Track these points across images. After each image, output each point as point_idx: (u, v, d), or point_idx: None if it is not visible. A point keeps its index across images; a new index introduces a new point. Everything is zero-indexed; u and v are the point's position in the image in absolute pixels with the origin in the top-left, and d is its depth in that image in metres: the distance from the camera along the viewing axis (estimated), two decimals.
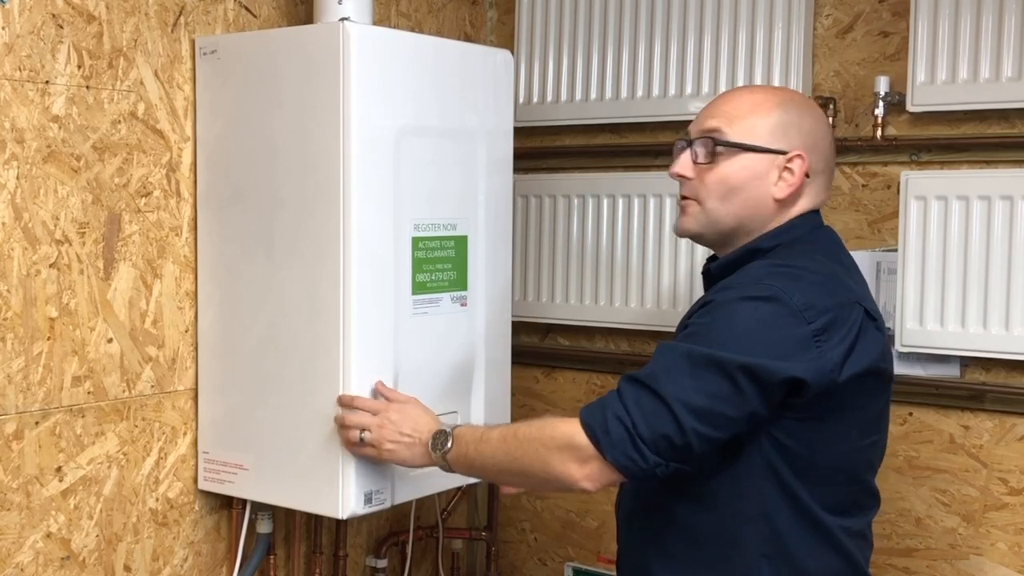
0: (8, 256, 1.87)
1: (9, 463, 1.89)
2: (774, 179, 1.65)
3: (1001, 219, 2.09)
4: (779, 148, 1.64)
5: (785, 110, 1.67)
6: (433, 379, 2.10)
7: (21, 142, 1.87)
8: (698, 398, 1.50)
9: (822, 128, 1.70)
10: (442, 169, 2.10)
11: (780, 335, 1.51)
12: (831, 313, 1.53)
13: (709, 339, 1.53)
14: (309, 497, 2.03)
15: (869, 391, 1.60)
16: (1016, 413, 2.17)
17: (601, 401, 1.57)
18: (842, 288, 1.59)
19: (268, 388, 2.06)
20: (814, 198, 1.69)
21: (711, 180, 1.67)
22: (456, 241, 2.13)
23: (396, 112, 1.99)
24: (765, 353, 1.50)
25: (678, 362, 1.52)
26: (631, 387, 1.54)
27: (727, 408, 1.51)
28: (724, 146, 1.65)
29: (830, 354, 1.52)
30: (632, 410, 1.51)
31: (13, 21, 1.85)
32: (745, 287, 1.56)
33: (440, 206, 2.09)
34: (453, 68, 2.12)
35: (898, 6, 2.27)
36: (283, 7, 2.28)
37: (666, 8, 2.44)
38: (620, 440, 1.51)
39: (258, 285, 2.07)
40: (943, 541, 2.24)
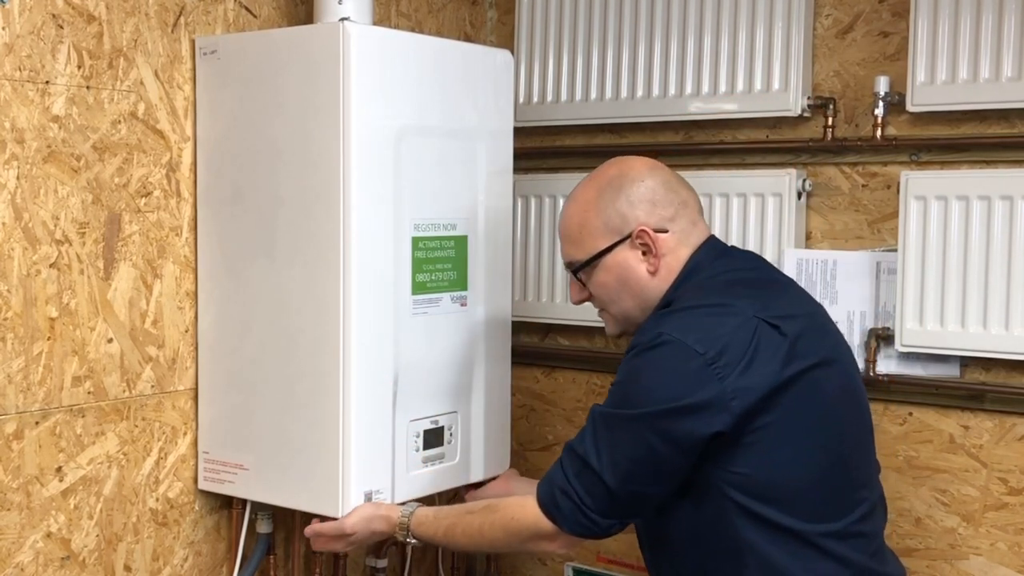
0: (8, 256, 1.87)
1: (9, 463, 1.89)
2: (638, 258, 1.72)
3: (1001, 219, 2.09)
4: (621, 237, 1.71)
5: (605, 199, 1.72)
6: (433, 379, 2.11)
7: (21, 142, 1.87)
8: (622, 463, 1.59)
9: (648, 183, 1.73)
10: (442, 169, 2.10)
11: (677, 375, 1.57)
12: (724, 339, 1.57)
13: (617, 399, 1.63)
14: (309, 497, 2.03)
15: (797, 396, 1.60)
16: (1016, 413, 2.17)
17: (550, 476, 1.68)
18: (734, 310, 1.61)
19: (268, 388, 2.06)
20: (687, 237, 1.73)
21: (597, 292, 1.78)
22: (456, 241, 2.13)
23: (396, 112, 1.99)
24: (669, 398, 1.56)
25: (600, 430, 1.62)
26: (571, 459, 1.65)
27: (648, 465, 1.59)
28: (583, 268, 1.76)
29: (729, 380, 1.55)
30: (574, 483, 1.63)
31: (13, 21, 1.85)
32: (640, 343, 1.63)
33: (440, 206, 2.10)
34: (453, 68, 2.12)
35: (898, 6, 2.27)
36: (283, 7, 2.28)
37: (666, 8, 2.44)
38: (571, 513, 1.64)
39: (258, 285, 2.07)
40: (943, 541, 2.24)
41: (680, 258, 1.72)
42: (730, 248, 1.81)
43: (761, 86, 2.34)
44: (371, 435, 2.00)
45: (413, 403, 2.07)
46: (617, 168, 1.78)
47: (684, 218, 1.74)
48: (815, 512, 1.61)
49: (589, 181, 1.79)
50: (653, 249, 1.70)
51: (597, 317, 2.55)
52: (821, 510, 1.62)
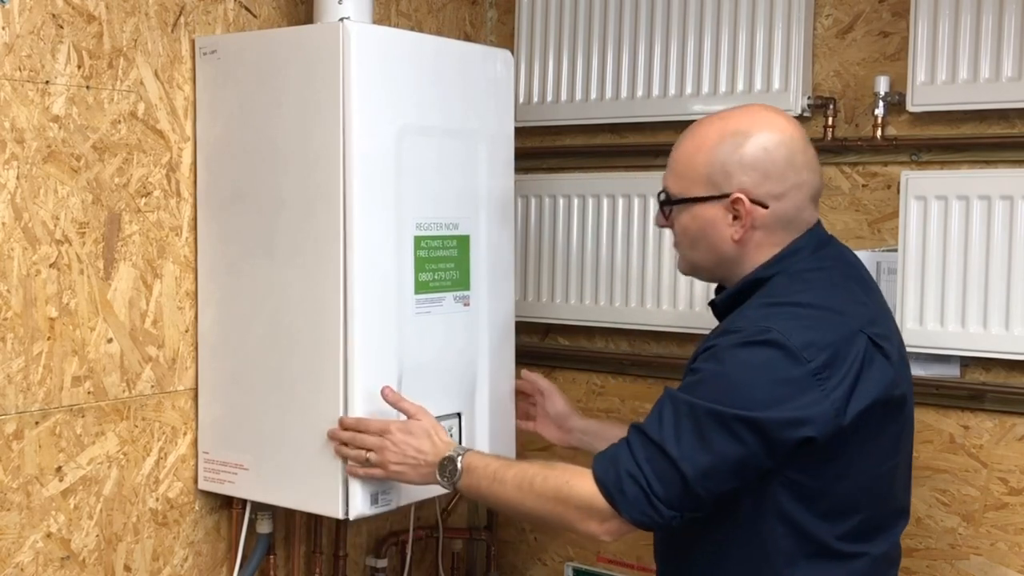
0: (8, 256, 1.87)
1: (9, 463, 1.89)
2: (728, 222, 1.64)
3: (1001, 219, 2.09)
4: (718, 193, 1.63)
5: (721, 148, 1.62)
6: (437, 379, 2.09)
7: (21, 142, 1.87)
8: (704, 457, 1.51)
9: (772, 151, 1.62)
10: (444, 168, 2.09)
11: (780, 380, 1.51)
12: (831, 349, 1.52)
13: (711, 390, 1.54)
14: (309, 497, 2.03)
15: (878, 422, 1.57)
16: (1016, 413, 2.17)
17: (614, 456, 1.58)
18: (844, 319, 1.56)
19: (268, 388, 2.06)
20: (789, 220, 1.64)
21: (676, 231, 1.72)
22: (458, 240, 2.13)
23: (397, 111, 1.99)
24: (767, 403, 1.50)
25: (683, 419, 1.53)
26: (642, 444, 1.56)
27: (733, 463, 1.52)
28: (668, 205, 1.69)
29: (832, 394, 1.51)
30: (644, 468, 1.54)
31: (13, 21, 1.85)
32: (744, 332, 1.55)
33: (442, 205, 2.09)
34: (454, 67, 2.11)
35: (898, 6, 2.27)
36: (283, 7, 2.28)
37: (666, 8, 2.44)
38: (636, 499, 1.54)
39: (258, 285, 2.07)
40: (943, 541, 2.24)
41: (774, 238, 1.63)
42: (832, 238, 1.72)
43: (761, 86, 2.34)
44: None
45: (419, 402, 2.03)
46: (750, 120, 1.65)
47: (792, 200, 1.63)
48: (859, 533, 1.60)
49: (717, 120, 1.67)
50: (744, 220, 1.62)
51: (597, 317, 2.57)
52: (865, 531, 1.61)
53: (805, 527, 1.57)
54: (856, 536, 1.60)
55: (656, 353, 2.58)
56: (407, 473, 1.83)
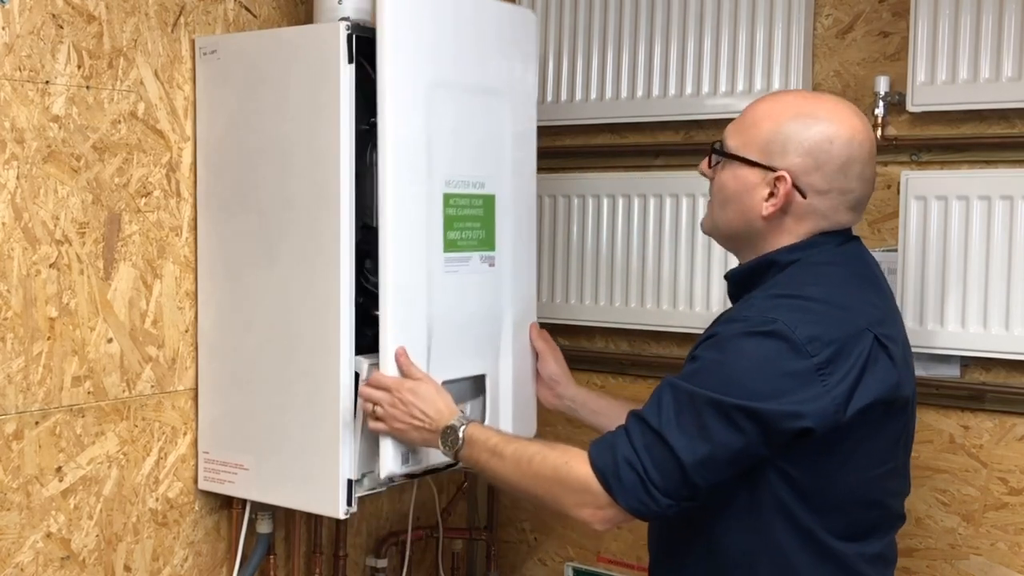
0: (8, 256, 1.87)
1: (9, 463, 1.89)
2: (764, 195, 1.62)
3: (1001, 219, 2.09)
4: (768, 164, 1.61)
5: (790, 124, 1.60)
6: (463, 339, 2.05)
7: (21, 142, 1.87)
8: (703, 446, 1.50)
9: (836, 146, 1.59)
10: (471, 126, 2.05)
11: (782, 372, 1.50)
12: (836, 345, 1.51)
13: (712, 379, 1.52)
14: (309, 497, 2.03)
15: (878, 422, 1.57)
16: (1016, 413, 2.17)
17: (611, 441, 1.57)
18: (852, 316, 1.55)
19: (268, 388, 2.06)
20: (820, 218, 1.62)
21: (715, 185, 1.69)
22: (484, 200, 2.08)
23: (427, 64, 1.95)
24: (768, 394, 1.49)
25: (684, 408, 1.52)
26: (641, 431, 1.54)
27: (731, 452, 1.51)
28: (718, 155, 1.67)
29: (834, 390, 1.50)
30: (642, 455, 1.52)
31: (13, 21, 1.85)
32: (749, 321, 1.54)
33: (469, 163, 2.05)
34: (480, 24, 2.07)
35: (898, 6, 2.27)
36: (283, 7, 2.28)
37: (666, 8, 2.44)
38: (632, 486, 1.52)
39: (258, 285, 2.07)
40: (943, 541, 2.24)
41: (800, 228, 1.62)
42: (856, 238, 1.70)
43: (761, 86, 2.34)
44: None
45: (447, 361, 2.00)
46: (829, 111, 1.62)
47: (832, 201, 1.61)
48: (854, 531, 1.60)
49: (799, 98, 1.67)
50: (778, 200, 1.60)
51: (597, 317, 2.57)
52: (861, 529, 1.61)
53: (800, 521, 1.56)
54: (849, 534, 1.59)
55: (656, 353, 2.58)
56: (409, 433, 1.84)
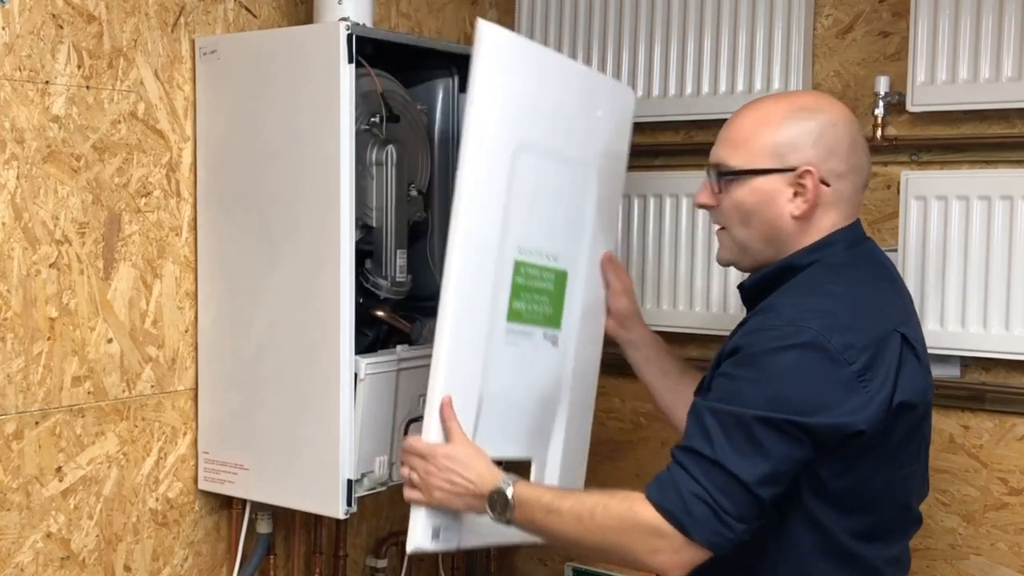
0: (8, 256, 1.87)
1: (9, 463, 1.89)
2: (788, 196, 1.60)
3: (1001, 219, 2.09)
4: (786, 166, 1.59)
5: (790, 122, 1.61)
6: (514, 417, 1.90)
7: (21, 142, 1.87)
8: (763, 464, 1.47)
9: (841, 129, 1.62)
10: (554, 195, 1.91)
11: (825, 383, 1.48)
12: (871, 350, 1.49)
13: (755, 397, 1.49)
14: (309, 497, 2.03)
15: (907, 423, 1.56)
16: (1016, 413, 2.17)
17: (669, 480, 1.51)
18: (879, 318, 1.54)
19: (268, 388, 2.06)
20: (843, 205, 1.62)
21: (727, 207, 1.65)
22: (556, 275, 1.93)
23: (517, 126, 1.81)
24: (816, 408, 1.47)
25: (731, 430, 1.48)
26: (695, 461, 1.50)
27: (790, 464, 1.49)
28: (729, 176, 1.64)
29: (878, 396, 1.49)
30: (706, 485, 1.48)
31: (13, 21, 1.85)
32: (781, 333, 1.50)
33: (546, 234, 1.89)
34: (578, 92, 1.96)
35: (898, 6, 2.27)
36: (283, 7, 2.28)
37: (666, 8, 2.44)
38: (705, 519, 1.47)
39: (258, 285, 2.07)
40: (943, 541, 2.24)
41: (831, 219, 1.61)
42: (868, 237, 1.70)
43: (761, 86, 2.34)
44: None
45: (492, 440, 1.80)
46: (815, 100, 1.65)
47: (850, 182, 1.61)
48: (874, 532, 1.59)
49: (781, 99, 1.67)
50: (808, 194, 1.58)
51: None
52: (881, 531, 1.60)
53: (822, 522, 1.55)
54: (870, 536, 1.59)
55: None
56: (451, 501, 1.69)
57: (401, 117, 2.08)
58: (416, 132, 2.16)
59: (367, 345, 2.07)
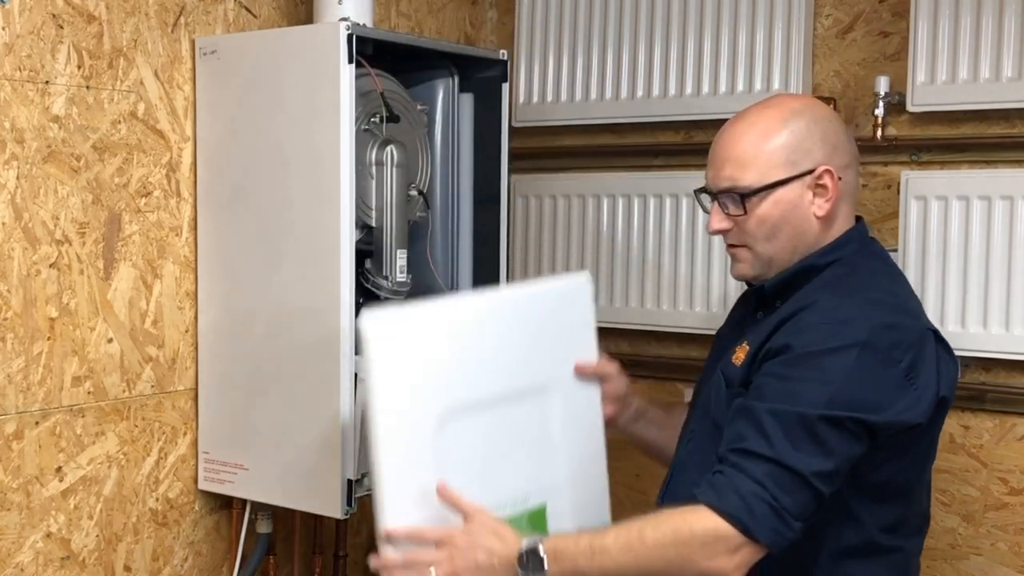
0: (8, 256, 1.87)
1: (9, 463, 1.89)
2: (810, 199, 1.61)
3: (1001, 219, 2.09)
4: (803, 171, 1.60)
5: (792, 127, 1.61)
6: None
7: (21, 142, 1.87)
8: (828, 463, 1.48)
9: (833, 122, 1.65)
10: (505, 443, 1.69)
11: (881, 382, 1.50)
12: (914, 350, 1.53)
13: (816, 397, 1.49)
14: (309, 497, 2.03)
15: (942, 417, 1.60)
16: (1016, 413, 2.17)
17: (727, 483, 1.48)
18: (914, 316, 1.58)
19: (268, 388, 2.06)
20: (852, 197, 1.66)
21: (751, 226, 1.63)
22: (531, 516, 1.71)
23: (435, 396, 1.60)
24: (875, 406, 1.49)
25: (794, 429, 1.48)
26: (755, 463, 1.48)
27: (851, 461, 1.50)
28: (749, 196, 1.61)
29: (927, 393, 1.53)
30: (768, 485, 1.46)
31: (13, 21, 1.85)
32: (836, 332, 1.52)
33: (501, 487, 1.67)
34: (519, 320, 1.72)
35: (898, 6, 2.27)
36: (283, 7, 2.28)
37: (666, 8, 2.44)
38: (766, 517, 1.46)
39: (258, 285, 2.07)
40: (943, 541, 2.24)
41: (843, 216, 1.64)
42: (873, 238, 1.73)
43: (761, 86, 2.34)
44: None
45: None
46: (799, 102, 1.68)
47: (854, 171, 1.65)
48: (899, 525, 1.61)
49: (767, 108, 1.65)
50: (830, 192, 1.60)
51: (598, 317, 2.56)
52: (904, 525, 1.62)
53: (856, 514, 1.57)
54: (896, 529, 1.60)
55: (656, 353, 2.58)
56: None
57: (401, 117, 2.08)
58: (416, 132, 2.16)
59: None
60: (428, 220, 2.19)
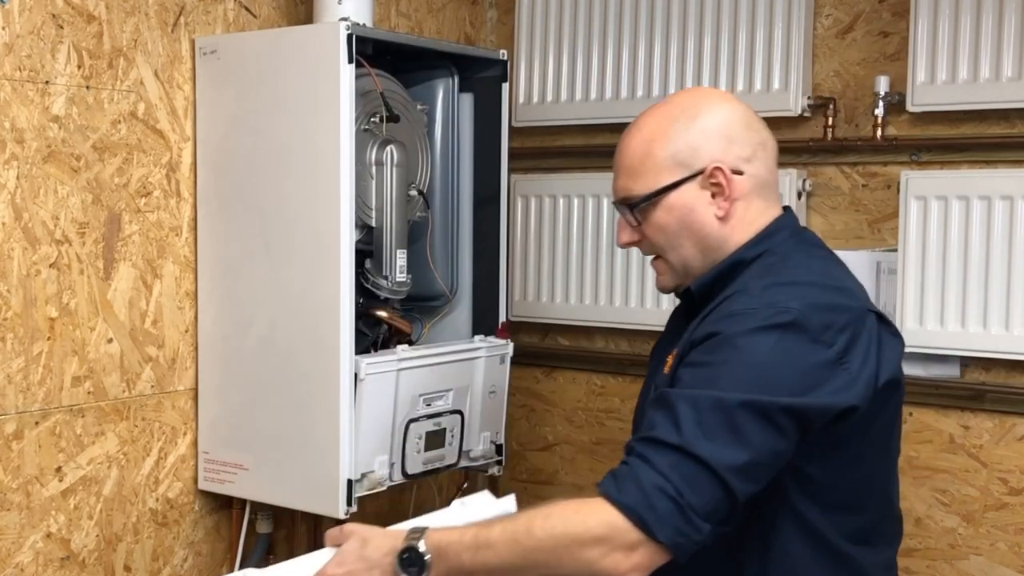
0: (8, 256, 1.86)
1: (9, 463, 1.89)
2: (707, 200, 1.49)
3: (1001, 219, 2.09)
4: (693, 172, 1.49)
5: (678, 127, 1.50)
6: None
7: (21, 142, 1.87)
8: (742, 454, 1.33)
9: (727, 113, 1.51)
10: None
11: (811, 365, 1.37)
12: (848, 331, 1.40)
13: (738, 380, 1.36)
14: (309, 497, 2.03)
15: (886, 404, 1.46)
16: (1016, 413, 2.17)
17: (628, 473, 1.34)
18: (851, 297, 1.46)
19: (268, 388, 2.06)
20: (764, 188, 1.51)
21: (652, 235, 1.54)
22: None
23: None
24: (803, 389, 1.36)
25: (707, 415, 1.33)
26: (659, 452, 1.33)
27: (772, 456, 1.36)
28: (640, 205, 1.53)
29: (862, 374, 1.39)
30: (672, 478, 1.31)
31: (13, 21, 1.85)
32: (756, 313, 1.39)
33: None
34: None
35: (898, 6, 2.27)
36: (283, 7, 2.28)
37: (666, 8, 2.44)
38: (668, 514, 1.31)
39: (258, 285, 2.07)
40: (943, 541, 2.24)
41: (754, 208, 1.50)
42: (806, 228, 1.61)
43: (761, 86, 2.34)
44: None
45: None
46: (692, 97, 1.57)
47: (761, 161, 1.50)
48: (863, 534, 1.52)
49: (658, 109, 1.55)
50: (726, 191, 1.48)
51: (597, 317, 2.57)
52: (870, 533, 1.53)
53: (813, 524, 1.47)
54: (860, 537, 1.53)
55: None
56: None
57: (401, 117, 2.08)
58: (416, 132, 2.16)
59: (367, 345, 2.07)
60: (428, 220, 2.19)
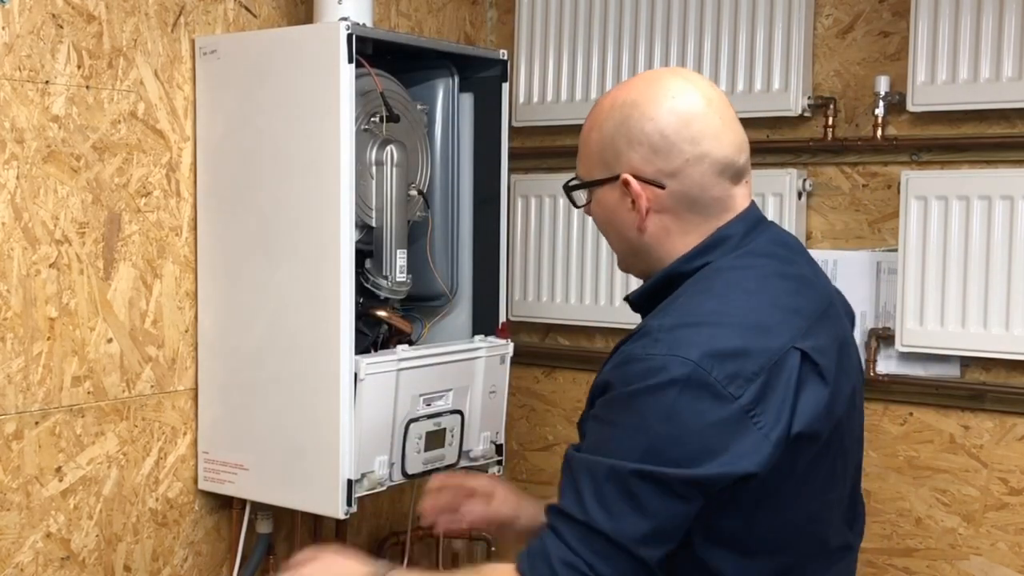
0: (8, 256, 1.86)
1: (9, 463, 1.89)
2: (628, 207, 1.36)
3: (1001, 219, 2.09)
4: (610, 175, 1.35)
5: (608, 123, 1.36)
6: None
7: (21, 142, 1.87)
8: (643, 523, 1.26)
9: (660, 118, 1.33)
10: None
11: (711, 425, 1.25)
12: (761, 377, 1.26)
13: (631, 448, 1.26)
14: (309, 497, 2.03)
15: (808, 456, 1.31)
16: (1016, 413, 2.17)
17: (540, 548, 1.31)
18: (773, 333, 1.29)
19: (268, 388, 2.06)
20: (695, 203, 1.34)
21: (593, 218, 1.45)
22: None
23: None
24: (703, 456, 1.25)
25: (605, 486, 1.27)
26: (569, 526, 1.29)
27: (676, 520, 1.28)
28: (576, 189, 1.43)
29: (773, 432, 1.25)
30: (582, 552, 1.27)
31: (13, 21, 1.85)
32: (654, 366, 1.26)
33: None
34: None
35: (898, 6, 2.27)
36: (283, 7, 2.28)
37: (666, 8, 2.44)
38: None
39: (258, 285, 2.07)
40: (943, 541, 2.24)
41: (683, 223, 1.35)
42: (763, 220, 1.40)
43: (761, 86, 2.34)
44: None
45: None
46: (642, 88, 1.37)
47: (691, 177, 1.32)
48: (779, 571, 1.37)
49: (615, 91, 1.40)
50: (640, 203, 1.33)
51: (597, 317, 2.57)
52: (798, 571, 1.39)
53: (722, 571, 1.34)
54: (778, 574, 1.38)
55: None
56: None
57: (401, 117, 2.08)
58: (416, 132, 2.16)
59: (367, 345, 2.07)
60: (428, 220, 2.19)
